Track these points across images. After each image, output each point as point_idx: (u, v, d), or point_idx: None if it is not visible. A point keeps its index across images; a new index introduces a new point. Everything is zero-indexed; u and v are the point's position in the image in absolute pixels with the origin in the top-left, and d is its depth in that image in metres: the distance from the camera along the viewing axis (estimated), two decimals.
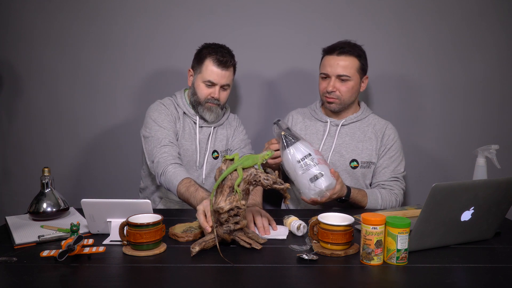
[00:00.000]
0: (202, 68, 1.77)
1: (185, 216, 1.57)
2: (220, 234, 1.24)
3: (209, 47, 1.80)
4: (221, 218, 1.21)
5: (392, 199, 1.76)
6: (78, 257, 1.16)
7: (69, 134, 2.25)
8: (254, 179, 1.25)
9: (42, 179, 1.52)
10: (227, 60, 1.76)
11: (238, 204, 1.21)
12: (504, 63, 2.18)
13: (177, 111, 1.83)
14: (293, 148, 1.55)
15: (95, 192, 2.25)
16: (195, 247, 1.20)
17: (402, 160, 1.84)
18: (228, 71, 1.78)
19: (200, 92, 1.78)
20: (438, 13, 2.15)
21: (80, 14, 2.16)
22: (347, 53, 1.75)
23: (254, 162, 1.28)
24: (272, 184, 1.24)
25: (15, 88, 2.22)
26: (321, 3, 2.14)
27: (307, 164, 1.53)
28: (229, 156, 1.31)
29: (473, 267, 1.14)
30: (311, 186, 1.53)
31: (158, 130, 1.74)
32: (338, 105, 1.80)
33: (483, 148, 1.55)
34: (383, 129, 1.84)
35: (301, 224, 1.36)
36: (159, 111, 1.79)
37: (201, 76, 1.77)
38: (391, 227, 1.13)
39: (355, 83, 1.78)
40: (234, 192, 1.22)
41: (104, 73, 2.20)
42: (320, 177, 1.52)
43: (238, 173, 1.24)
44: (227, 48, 1.81)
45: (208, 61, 1.76)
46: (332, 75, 1.76)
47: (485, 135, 2.21)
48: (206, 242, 1.22)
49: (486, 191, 1.21)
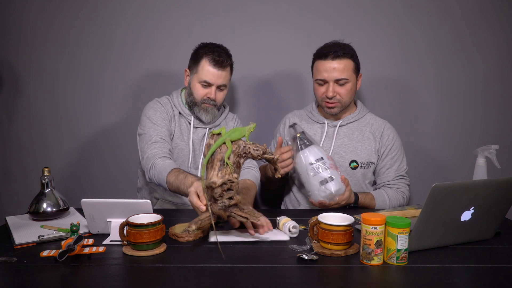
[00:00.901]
0: (198, 68, 1.74)
1: (185, 216, 1.57)
2: (216, 211, 1.21)
3: (206, 46, 1.77)
4: (215, 193, 1.19)
5: (399, 197, 1.79)
6: (78, 257, 1.16)
7: (69, 134, 2.25)
8: (244, 151, 1.24)
9: (42, 179, 1.52)
10: (224, 60, 1.73)
11: (230, 177, 1.19)
12: (504, 63, 2.18)
13: (173, 110, 1.81)
14: (307, 151, 1.59)
15: (95, 192, 2.25)
16: (191, 226, 1.18)
17: (403, 157, 1.86)
18: (225, 71, 1.75)
19: (196, 93, 1.76)
20: (438, 13, 2.15)
21: (80, 14, 2.17)
22: (341, 56, 1.73)
23: (242, 135, 1.28)
24: (262, 154, 1.24)
25: (15, 88, 2.22)
26: (321, 4, 2.15)
27: (318, 167, 1.57)
28: (216, 130, 1.30)
29: (473, 267, 1.14)
30: (321, 188, 1.56)
31: (151, 127, 1.73)
32: (339, 109, 1.80)
33: (483, 148, 1.55)
34: (381, 129, 1.84)
35: (291, 224, 1.34)
36: (154, 108, 1.78)
37: (197, 76, 1.75)
38: (391, 227, 1.13)
39: (353, 84, 1.78)
40: (225, 165, 1.21)
41: (104, 73, 2.20)
42: (330, 181, 1.56)
43: (227, 145, 1.23)
44: (224, 48, 1.78)
45: (204, 61, 1.73)
46: (330, 80, 1.74)
47: (485, 135, 2.21)
48: (201, 220, 1.21)
49: (486, 191, 1.21)
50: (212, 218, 1.20)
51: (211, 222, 1.20)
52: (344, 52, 1.75)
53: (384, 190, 1.79)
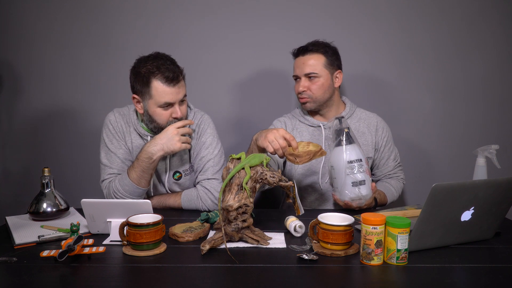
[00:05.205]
0: (152, 92, 1.56)
1: (185, 216, 1.57)
2: (229, 232, 1.26)
3: (147, 64, 1.56)
4: (230, 216, 1.24)
5: (400, 184, 1.89)
6: (78, 257, 1.16)
7: (69, 134, 2.25)
8: (261, 177, 1.28)
9: (42, 179, 1.52)
10: (175, 73, 1.55)
11: (246, 201, 1.24)
12: (504, 63, 2.18)
13: (129, 125, 1.70)
14: (349, 149, 1.60)
15: (95, 192, 2.25)
16: (205, 245, 1.21)
17: (394, 145, 1.91)
18: (180, 83, 1.59)
19: (160, 118, 1.60)
20: (438, 13, 2.15)
21: (80, 14, 2.17)
22: (311, 51, 1.77)
23: (260, 161, 1.32)
24: (278, 182, 1.28)
25: (15, 88, 2.22)
26: (322, 5, 2.15)
27: (355, 168, 1.58)
28: (235, 155, 1.34)
29: (473, 267, 1.14)
30: (352, 189, 1.57)
31: (110, 157, 1.67)
32: (312, 104, 1.80)
33: (483, 148, 1.55)
34: (374, 123, 1.86)
35: (297, 224, 1.35)
36: (109, 135, 1.68)
37: (153, 102, 1.57)
38: (391, 227, 1.13)
39: (325, 80, 1.77)
40: (243, 190, 1.25)
41: (104, 73, 2.20)
42: (362, 185, 1.58)
43: (246, 171, 1.27)
44: (164, 57, 1.60)
45: (155, 82, 1.54)
46: (301, 75, 1.78)
47: (485, 135, 2.21)
48: (215, 240, 1.24)
49: (486, 191, 1.21)
50: (225, 238, 1.24)
51: (223, 242, 1.24)
52: (315, 47, 1.77)
53: (388, 183, 1.83)
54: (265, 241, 1.28)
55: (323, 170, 1.78)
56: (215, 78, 2.21)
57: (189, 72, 1.74)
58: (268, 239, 1.30)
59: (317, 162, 1.76)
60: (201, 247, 1.21)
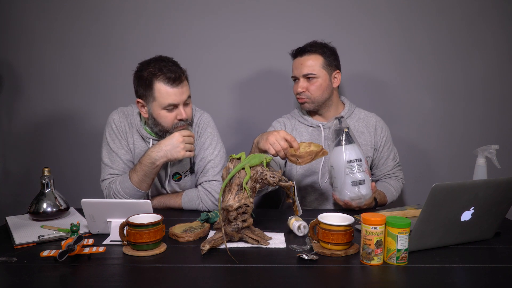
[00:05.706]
0: (155, 94, 1.55)
1: (185, 216, 1.57)
2: (229, 232, 1.26)
3: (149, 67, 1.56)
4: (230, 216, 1.24)
5: (400, 184, 1.88)
6: (78, 257, 1.16)
7: (69, 134, 2.25)
8: (261, 177, 1.28)
9: (42, 179, 1.52)
10: (178, 73, 1.54)
11: (246, 201, 1.24)
12: (504, 63, 2.18)
13: (132, 126, 1.69)
14: (349, 148, 1.60)
15: (95, 192, 2.24)
16: (205, 245, 1.21)
17: (393, 144, 1.91)
18: (184, 83, 1.58)
19: (164, 121, 1.58)
20: (438, 13, 2.15)
21: (80, 14, 2.17)
22: (309, 52, 1.77)
23: (260, 161, 1.32)
24: (278, 182, 1.28)
25: (15, 88, 2.22)
26: (322, 5, 2.15)
27: (355, 168, 1.58)
28: (235, 155, 1.34)
29: (473, 267, 1.14)
30: (351, 189, 1.58)
31: (112, 157, 1.66)
32: (310, 104, 1.80)
33: (483, 148, 1.55)
34: (373, 122, 1.86)
35: (302, 224, 1.36)
36: (112, 135, 1.67)
37: (157, 104, 1.56)
38: (391, 227, 1.13)
39: (323, 80, 1.78)
40: (243, 190, 1.25)
41: (104, 73, 2.20)
42: (362, 184, 1.58)
43: (246, 171, 1.27)
44: (167, 59, 1.59)
45: (158, 83, 1.54)
46: (299, 76, 1.78)
47: (485, 135, 2.21)
48: (215, 240, 1.24)
49: (486, 191, 1.21)
50: (225, 238, 1.24)
51: (223, 242, 1.24)
52: (313, 48, 1.77)
53: (388, 183, 1.83)
54: (265, 241, 1.28)
55: (323, 170, 1.78)
56: (215, 78, 2.21)
57: (189, 72, 1.73)
58: (268, 239, 1.30)
59: (317, 162, 1.76)
60: (201, 247, 1.21)
